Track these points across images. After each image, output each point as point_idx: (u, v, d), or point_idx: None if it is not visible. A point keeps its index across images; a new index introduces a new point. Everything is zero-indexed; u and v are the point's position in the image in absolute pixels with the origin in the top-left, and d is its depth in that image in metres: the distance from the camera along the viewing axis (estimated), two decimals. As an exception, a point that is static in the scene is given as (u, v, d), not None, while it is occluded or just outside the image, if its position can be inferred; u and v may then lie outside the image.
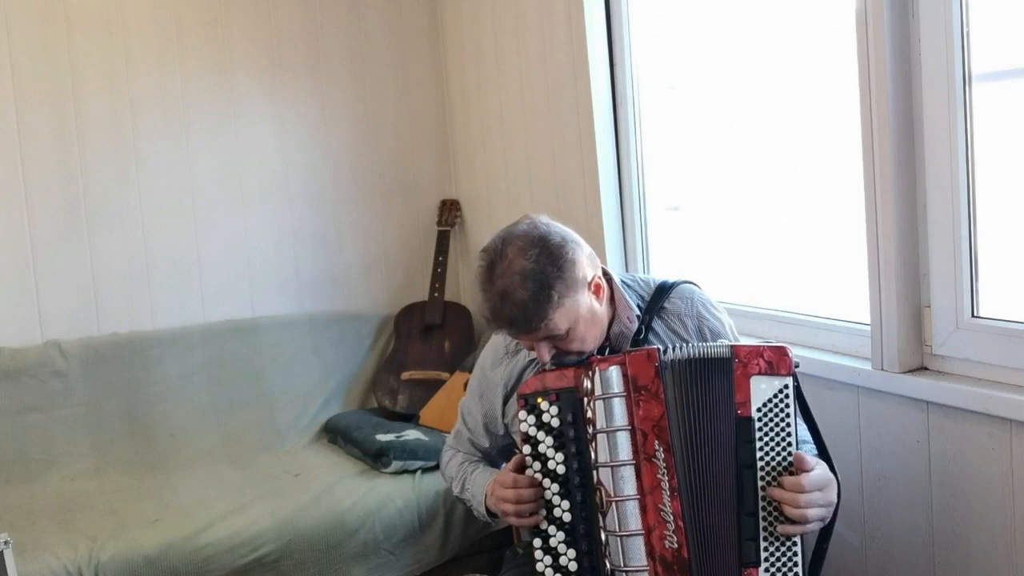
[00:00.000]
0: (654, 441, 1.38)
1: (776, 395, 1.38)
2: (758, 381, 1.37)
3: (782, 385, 1.38)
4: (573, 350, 1.52)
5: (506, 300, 1.46)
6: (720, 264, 2.38)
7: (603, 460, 1.39)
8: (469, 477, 1.74)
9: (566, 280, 1.48)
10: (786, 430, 1.37)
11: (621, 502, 1.37)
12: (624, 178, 2.56)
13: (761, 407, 1.37)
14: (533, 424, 1.46)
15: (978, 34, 1.59)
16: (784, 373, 1.38)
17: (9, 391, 2.61)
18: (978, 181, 1.62)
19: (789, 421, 1.37)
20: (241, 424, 2.82)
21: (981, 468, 1.60)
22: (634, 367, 1.41)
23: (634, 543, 1.36)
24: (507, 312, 1.46)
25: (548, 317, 1.46)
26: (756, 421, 1.36)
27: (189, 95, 2.93)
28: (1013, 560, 1.57)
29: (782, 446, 1.37)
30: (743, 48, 2.21)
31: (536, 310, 1.45)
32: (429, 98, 3.31)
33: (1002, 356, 1.59)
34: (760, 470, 1.36)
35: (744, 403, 1.37)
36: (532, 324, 1.46)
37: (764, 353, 1.39)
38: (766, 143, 2.18)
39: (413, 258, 3.30)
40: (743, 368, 1.38)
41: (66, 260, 2.79)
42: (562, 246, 1.49)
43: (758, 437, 1.36)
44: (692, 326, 1.64)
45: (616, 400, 1.40)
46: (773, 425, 1.37)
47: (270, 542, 2.20)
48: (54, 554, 2.07)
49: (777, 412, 1.37)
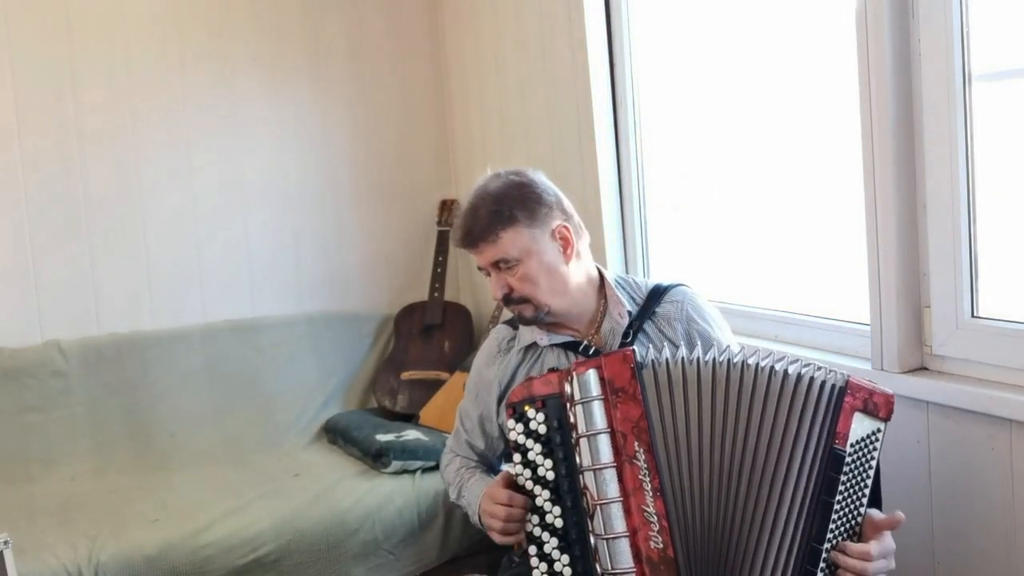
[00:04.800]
0: (634, 442, 1.38)
1: (869, 436, 1.38)
2: (861, 418, 1.37)
3: (876, 428, 1.38)
4: (526, 294, 1.61)
5: (467, 213, 1.62)
6: (720, 264, 2.38)
7: (587, 464, 1.39)
8: (465, 485, 1.74)
9: (526, 208, 1.60)
10: (868, 472, 1.38)
11: (605, 505, 1.37)
12: (624, 178, 2.56)
13: (856, 443, 1.37)
14: (522, 432, 1.46)
15: (978, 34, 1.59)
16: (882, 417, 1.39)
17: (9, 391, 2.61)
18: (978, 181, 1.62)
19: (872, 464, 1.38)
20: (241, 424, 2.82)
21: (981, 468, 1.60)
22: (610, 369, 1.41)
23: (620, 545, 1.36)
24: (464, 223, 1.62)
25: (497, 234, 1.58)
26: (847, 456, 1.36)
27: (189, 95, 2.93)
28: (1013, 560, 1.57)
29: (860, 486, 1.37)
30: (743, 48, 2.21)
31: (488, 223, 1.59)
32: (429, 98, 3.31)
33: (1002, 356, 1.58)
34: (837, 504, 1.35)
35: (843, 435, 1.36)
36: (483, 235, 1.59)
37: (875, 394, 1.39)
38: (766, 143, 2.18)
39: (413, 258, 3.30)
40: (852, 401, 1.37)
41: (66, 260, 2.79)
42: (533, 184, 1.64)
43: (844, 471, 1.35)
44: (681, 330, 1.65)
45: (595, 403, 1.40)
46: (859, 464, 1.37)
47: (270, 542, 2.20)
48: (54, 554, 2.07)
49: (865, 453, 1.38)
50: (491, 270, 1.63)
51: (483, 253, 1.62)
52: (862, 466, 1.37)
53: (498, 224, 1.58)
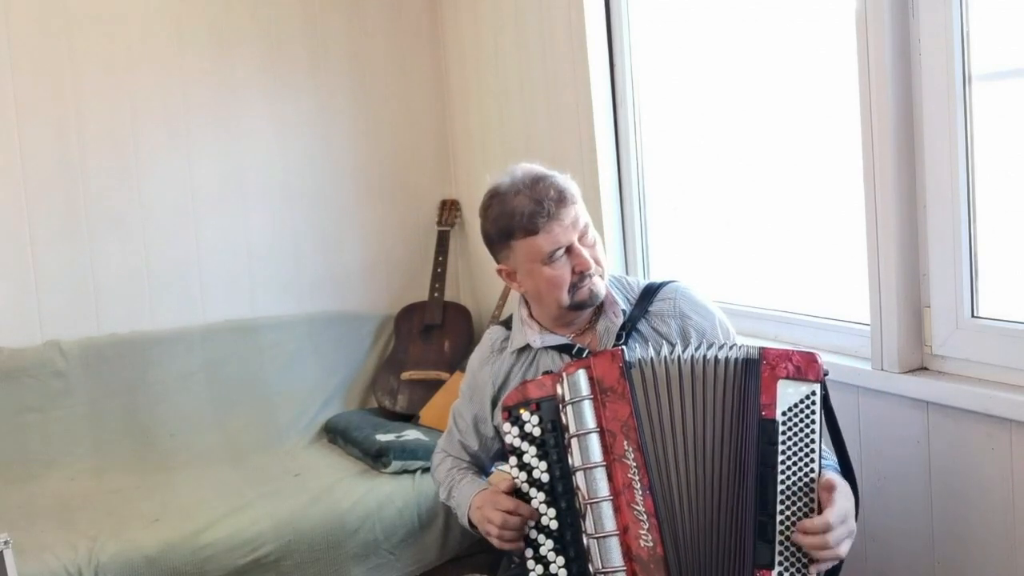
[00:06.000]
0: (623, 441, 1.38)
1: (803, 400, 1.37)
2: (785, 385, 1.37)
3: (809, 391, 1.38)
4: (602, 262, 1.60)
5: (538, 181, 1.55)
6: (720, 264, 2.38)
7: (578, 464, 1.40)
8: (456, 485, 1.73)
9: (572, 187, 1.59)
10: (811, 436, 1.37)
11: (596, 504, 1.37)
12: (624, 178, 2.56)
13: (787, 411, 1.36)
14: (517, 435, 1.46)
15: (978, 34, 1.59)
16: (812, 379, 1.38)
17: (9, 391, 2.61)
18: (978, 181, 1.62)
19: (814, 427, 1.37)
20: (241, 424, 2.83)
21: (981, 468, 1.60)
22: (599, 369, 1.42)
23: (610, 544, 1.36)
24: (542, 190, 1.54)
25: (575, 197, 1.57)
26: (780, 424, 1.36)
27: (189, 95, 2.93)
28: (1013, 560, 1.57)
29: (805, 451, 1.36)
30: (743, 48, 2.21)
31: (567, 186, 1.57)
32: (429, 98, 3.31)
33: (1002, 356, 1.59)
34: (780, 473, 1.35)
35: (769, 405, 1.37)
36: (569, 195, 1.55)
37: (793, 357, 1.39)
38: (766, 143, 2.18)
39: (413, 258, 3.30)
40: (771, 370, 1.38)
41: (66, 260, 2.79)
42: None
43: (780, 440, 1.35)
44: (675, 326, 1.64)
45: (585, 403, 1.41)
46: (798, 430, 1.37)
47: (270, 542, 2.20)
48: (54, 554, 2.07)
49: (803, 417, 1.37)
50: (574, 246, 1.55)
51: (568, 220, 1.54)
52: (802, 431, 1.37)
53: (572, 188, 1.58)
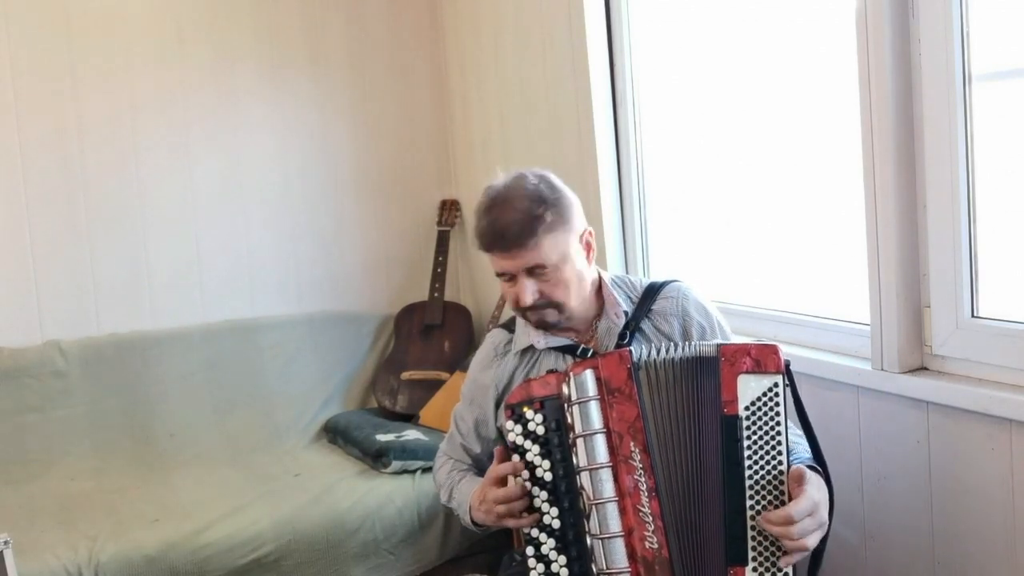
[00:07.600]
0: (629, 443, 1.38)
1: (765, 393, 1.37)
2: (746, 379, 1.37)
3: (771, 384, 1.37)
4: (557, 299, 1.55)
5: (503, 212, 1.51)
6: (720, 264, 2.38)
7: (583, 464, 1.39)
8: (456, 486, 1.73)
9: (560, 211, 1.54)
10: (776, 428, 1.36)
11: (601, 505, 1.37)
12: (624, 178, 2.56)
13: (749, 405, 1.36)
14: (520, 434, 1.46)
15: (978, 34, 1.59)
16: (772, 371, 1.37)
17: (9, 391, 2.62)
18: (978, 181, 1.62)
19: (779, 420, 1.37)
20: (241, 424, 2.83)
21: (981, 468, 1.60)
22: (607, 370, 1.41)
23: (615, 545, 1.36)
24: (500, 223, 1.51)
25: (538, 236, 1.50)
26: (743, 419, 1.36)
27: (189, 95, 2.93)
28: (1013, 560, 1.57)
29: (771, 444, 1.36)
30: (743, 48, 2.21)
31: (528, 225, 1.50)
32: (429, 98, 3.32)
33: (1002, 356, 1.58)
34: (748, 468, 1.35)
35: (731, 401, 1.37)
36: (520, 240, 1.50)
37: (751, 351, 1.38)
38: (766, 143, 2.18)
39: (413, 258, 3.30)
40: (730, 367, 1.38)
41: (66, 260, 2.79)
42: (562, 187, 1.59)
43: (746, 436, 1.36)
44: (678, 325, 1.65)
45: (592, 404, 1.40)
46: (762, 424, 1.37)
47: (270, 542, 2.20)
48: (54, 554, 2.07)
49: (767, 411, 1.37)
50: (520, 276, 1.54)
51: (517, 258, 1.52)
52: (766, 424, 1.37)
53: (538, 227, 1.50)
